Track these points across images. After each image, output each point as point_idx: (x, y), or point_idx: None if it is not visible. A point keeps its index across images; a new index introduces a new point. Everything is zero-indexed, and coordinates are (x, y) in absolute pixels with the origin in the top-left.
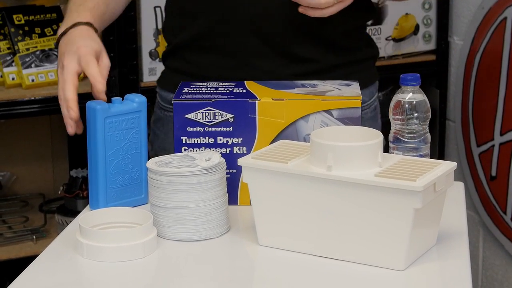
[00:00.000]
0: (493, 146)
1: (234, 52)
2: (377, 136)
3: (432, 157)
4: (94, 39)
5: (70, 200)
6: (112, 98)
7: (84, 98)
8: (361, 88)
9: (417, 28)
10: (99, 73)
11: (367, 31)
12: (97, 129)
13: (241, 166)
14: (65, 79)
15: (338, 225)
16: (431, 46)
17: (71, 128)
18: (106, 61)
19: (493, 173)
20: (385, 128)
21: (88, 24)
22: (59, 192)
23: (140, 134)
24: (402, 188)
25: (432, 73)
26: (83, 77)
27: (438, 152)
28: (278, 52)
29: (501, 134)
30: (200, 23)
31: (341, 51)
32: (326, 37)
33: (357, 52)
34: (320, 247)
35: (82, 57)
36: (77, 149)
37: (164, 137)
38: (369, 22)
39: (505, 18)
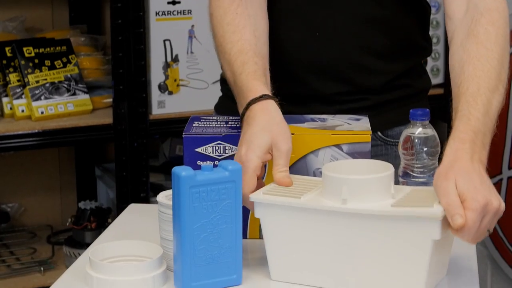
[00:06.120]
0: (501, 179)
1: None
2: (389, 168)
3: None
4: (271, 123)
5: (78, 232)
6: (202, 166)
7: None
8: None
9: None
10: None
11: None
12: (181, 198)
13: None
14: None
15: (353, 258)
16: (439, 80)
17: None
18: (282, 147)
19: None
20: None
21: (264, 97)
22: (67, 224)
23: (233, 206)
24: (421, 216)
25: (440, 106)
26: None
27: None
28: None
29: (509, 168)
30: None
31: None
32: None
33: (410, 88)
34: (335, 280)
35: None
36: (85, 181)
37: None
38: None
39: None
